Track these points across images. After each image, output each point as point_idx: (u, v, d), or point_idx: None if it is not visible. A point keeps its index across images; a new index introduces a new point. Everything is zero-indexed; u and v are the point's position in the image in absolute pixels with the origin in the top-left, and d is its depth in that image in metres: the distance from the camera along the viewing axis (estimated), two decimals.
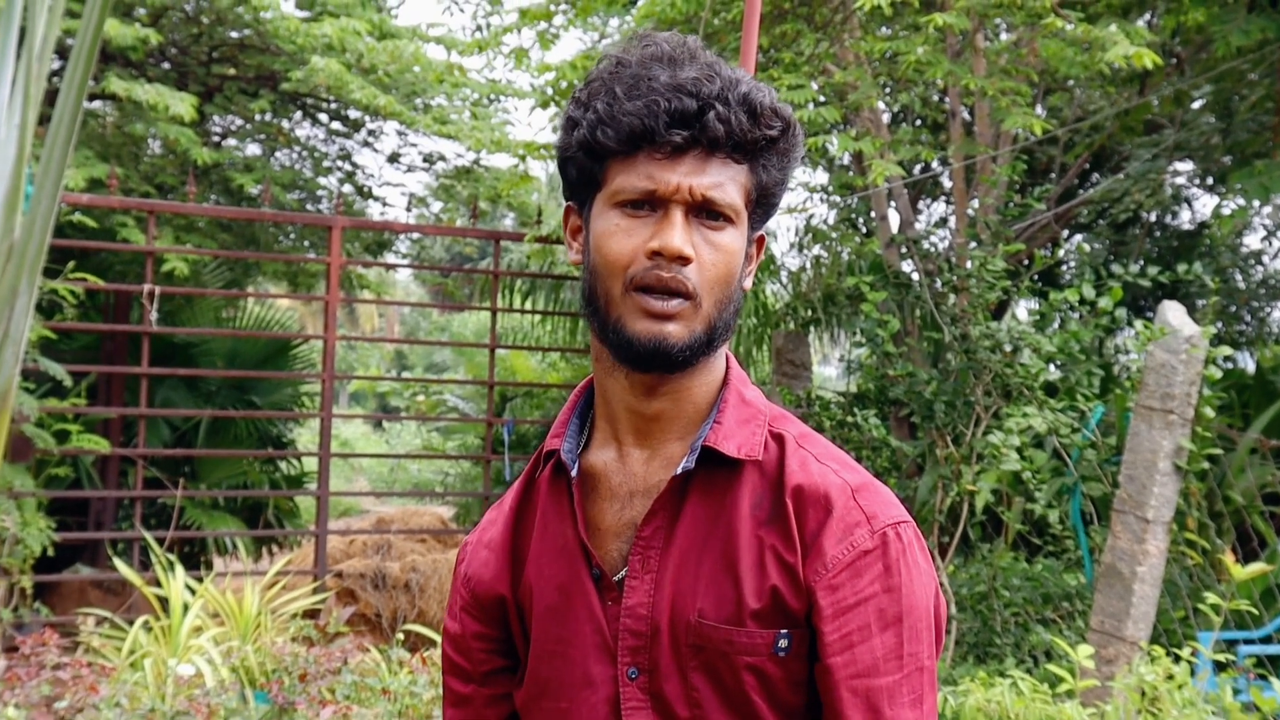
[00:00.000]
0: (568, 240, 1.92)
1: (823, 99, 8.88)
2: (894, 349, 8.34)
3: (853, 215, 13.15)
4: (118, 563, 8.34)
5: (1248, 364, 13.29)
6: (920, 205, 13.76)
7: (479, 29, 11.10)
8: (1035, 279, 9.10)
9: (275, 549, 12.15)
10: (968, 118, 10.49)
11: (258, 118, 12.41)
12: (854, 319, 9.59)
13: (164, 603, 7.50)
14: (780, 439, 1.85)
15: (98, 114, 11.74)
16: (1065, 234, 13.16)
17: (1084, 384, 8.16)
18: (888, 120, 12.27)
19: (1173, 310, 7.14)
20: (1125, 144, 11.94)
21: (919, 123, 12.34)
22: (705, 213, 1.78)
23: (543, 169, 16.87)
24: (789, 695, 1.78)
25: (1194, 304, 11.77)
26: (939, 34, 8.37)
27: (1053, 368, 8.68)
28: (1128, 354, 8.44)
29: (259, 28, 11.15)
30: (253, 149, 13.24)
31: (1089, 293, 7.82)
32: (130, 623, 7.65)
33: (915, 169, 11.58)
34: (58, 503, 10.42)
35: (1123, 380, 8.07)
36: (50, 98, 8.93)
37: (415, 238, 14.88)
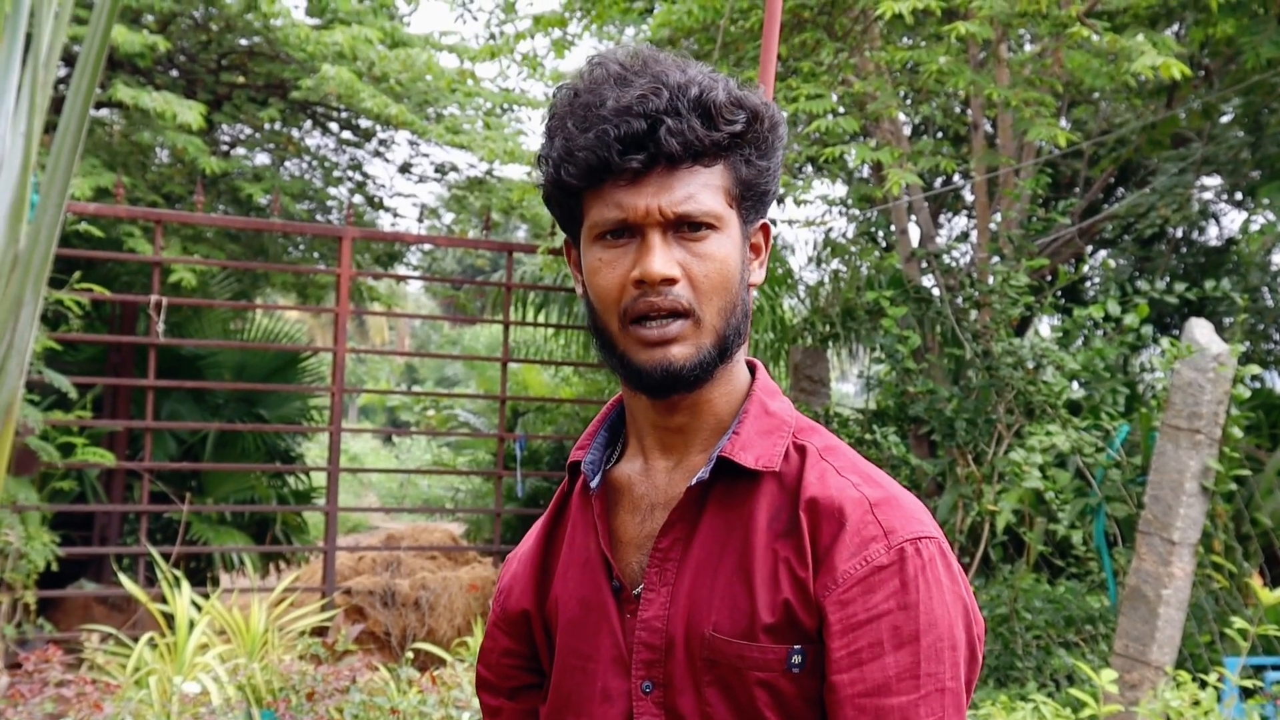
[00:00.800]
0: (573, 274, 1.90)
1: (842, 109, 8.77)
2: (914, 365, 8.25)
3: (872, 229, 13.05)
4: (123, 578, 8.26)
5: (1276, 383, 13.19)
6: (941, 219, 13.63)
7: (492, 37, 10.99)
8: (1059, 295, 9.01)
9: (283, 565, 12.05)
10: (990, 129, 10.38)
11: (267, 126, 12.33)
12: (873, 334, 9.48)
13: (169, 619, 7.43)
14: (803, 450, 1.82)
15: (104, 122, 11.66)
16: (1090, 249, 13.05)
17: (1108, 402, 8.07)
18: (908, 132, 12.16)
19: (1200, 328, 7.04)
20: (1152, 158, 11.83)
21: (940, 134, 12.23)
22: (685, 226, 1.75)
23: None
24: (803, 712, 1.74)
25: (1221, 322, 11.65)
26: (961, 44, 8.26)
27: (1076, 385, 8.58)
28: (1153, 372, 8.32)
29: (269, 35, 11.08)
30: (262, 158, 13.16)
31: (1114, 309, 7.75)
32: (135, 639, 7.57)
33: (936, 181, 11.47)
34: (62, 517, 10.34)
35: (1148, 399, 7.96)
36: (56, 105, 8.85)
37: (426, 249, 14.79)
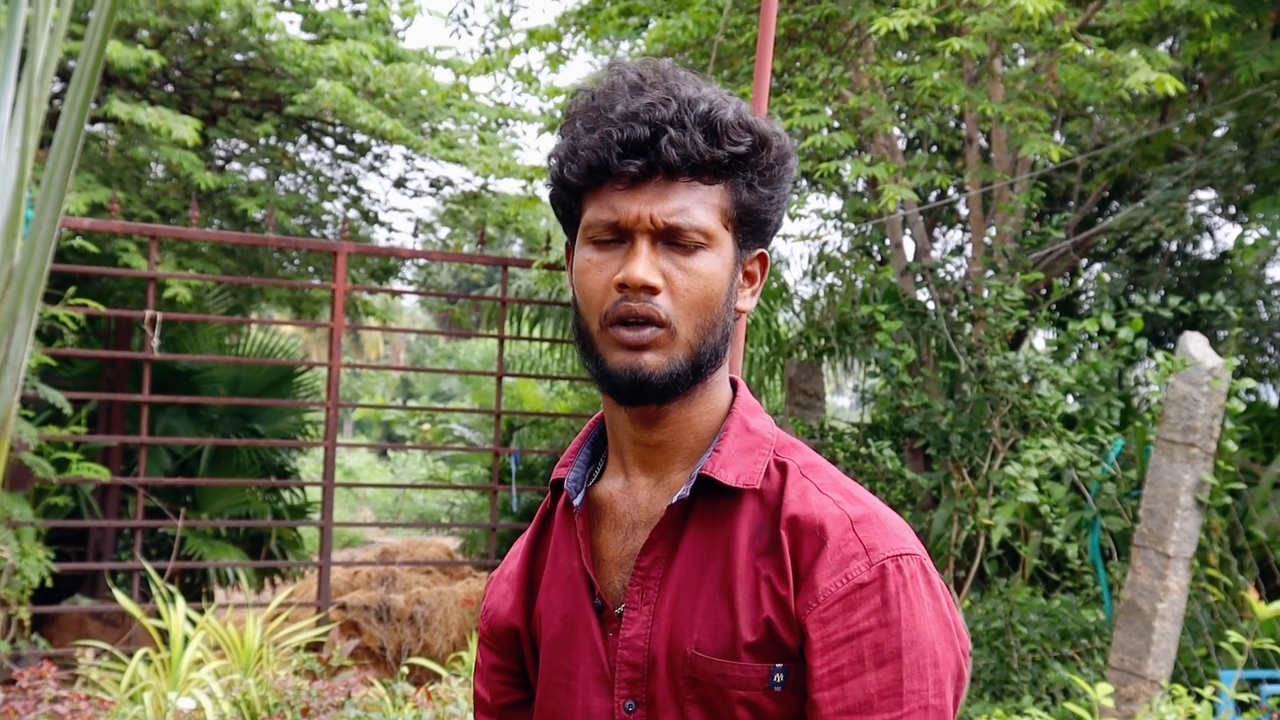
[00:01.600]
0: (569, 276, 1.90)
1: (837, 124, 8.78)
2: (909, 379, 8.25)
3: (867, 243, 13.05)
4: (117, 594, 8.23)
5: (1271, 397, 13.21)
6: (936, 233, 13.65)
7: (487, 51, 11.00)
8: (1053, 309, 9.01)
9: (278, 580, 12.03)
10: (985, 144, 10.38)
11: (262, 141, 12.33)
12: (868, 348, 9.48)
13: (164, 635, 7.40)
14: (784, 468, 1.82)
15: (99, 137, 11.66)
16: (1084, 263, 13.05)
17: (1103, 416, 8.07)
18: (903, 146, 12.17)
19: (1194, 342, 7.05)
20: (1146, 172, 11.83)
21: (935, 149, 12.24)
22: (673, 239, 1.76)
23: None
24: None
25: (1216, 335, 11.66)
26: (955, 59, 8.27)
27: (1071, 399, 8.58)
28: (1148, 386, 8.32)
29: (264, 50, 11.08)
30: (257, 173, 13.15)
31: (1108, 323, 7.75)
32: (130, 655, 7.55)
33: (931, 196, 11.48)
34: (56, 532, 10.32)
35: (1143, 413, 7.97)
36: (51, 121, 8.84)
37: (421, 264, 14.77)
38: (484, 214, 12.57)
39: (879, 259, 13.03)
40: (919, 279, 9.72)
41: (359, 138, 12.78)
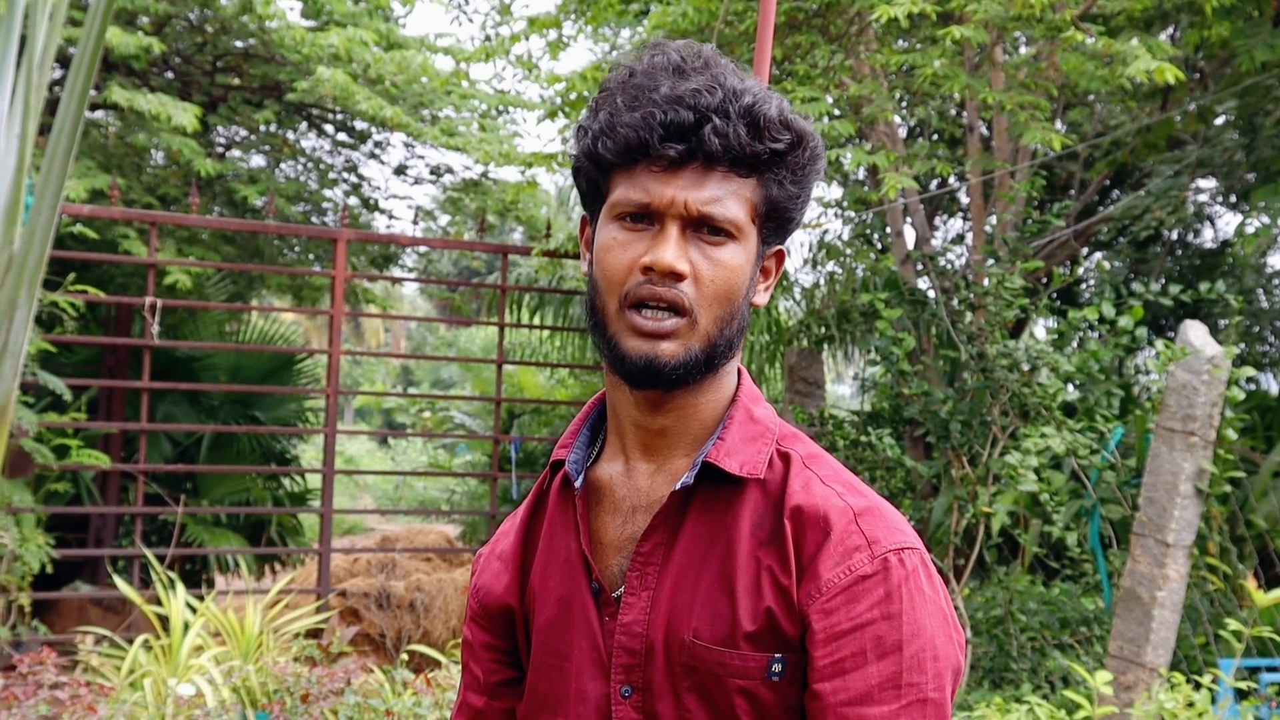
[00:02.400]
0: (582, 252, 1.90)
1: (838, 112, 8.76)
2: (909, 367, 8.24)
3: (868, 231, 13.05)
4: (117, 580, 8.24)
5: (1271, 385, 13.18)
6: (937, 221, 13.64)
7: (487, 38, 10.99)
8: (1054, 297, 9.02)
9: (278, 567, 12.04)
10: (986, 132, 10.38)
11: (262, 128, 12.32)
12: (868, 337, 9.48)
13: (164, 621, 7.41)
14: (787, 458, 1.82)
15: (99, 124, 11.65)
16: (1085, 251, 13.05)
17: (1103, 404, 8.06)
18: (904, 134, 12.16)
19: (1195, 330, 7.05)
20: (1147, 160, 11.82)
21: (936, 137, 12.23)
22: (705, 227, 1.75)
23: (551, 181, 16.81)
24: None
25: (1216, 324, 11.65)
26: (956, 47, 8.25)
27: (1071, 388, 8.58)
28: (1148, 374, 8.33)
29: (264, 37, 11.07)
30: (257, 160, 13.15)
31: (1109, 311, 7.74)
32: (130, 641, 7.55)
33: (932, 184, 11.47)
34: (57, 519, 10.33)
35: (1143, 401, 7.97)
36: (51, 107, 8.83)
37: (422, 251, 14.77)
38: (484, 201, 12.56)
39: (879, 247, 13.03)
40: (919, 267, 9.72)
41: (359, 125, 12.77)
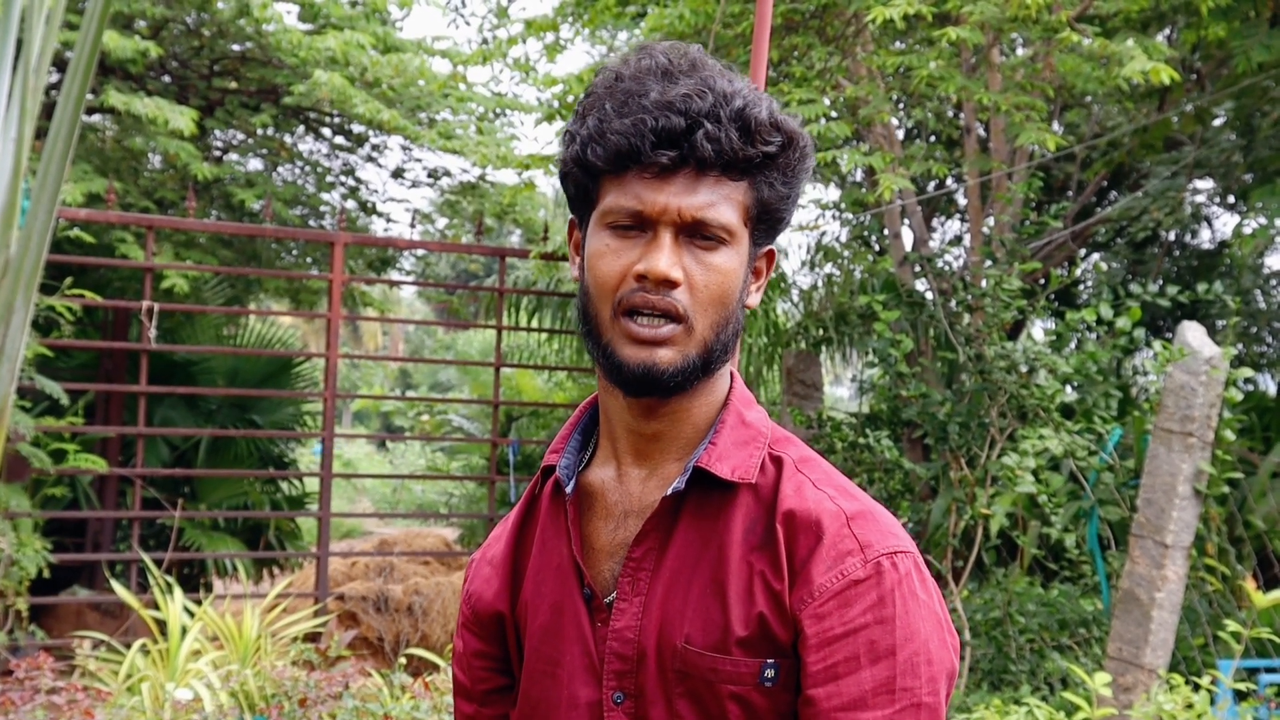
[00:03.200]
0: (571, 255, 1.89)
1: (834, 114, 8.76)
2: (907, 369, 8.24)
3: (865, 233, 13.05)
4: (115, 585, 8.23)
5: (1269, 386, 13.20)
6: (934, 223, 13.64)
7: (485, 41, 10.98)
8: (1051, 298, 9.01)
9: (276, 571, 12.03)
10: (983, 133, 10.38)
11: (260, 132, 12.31)
12: (866, 339, 9.47)
13: (162, 626, 7.40)
14: (779, 462, 1.81)
15: (96, 128, 11.64)
16: (1082, 252, 13.04)
17: (1101, 406, 8.06)
18: (901, 136, 12.16)
19: (1192, 331, 7.05)
20: (1144, 161, 11.83)
21: (933, 138, 12.23)
22: (697, 233, 1.73)
23: (549, 183, 16.81)
24: None
25: (1214, 325, 11.66)
26: (953, 48, 8.26)
27: (1069, 389, 8.57)
28: (1146, 375, 8.33)
29: (261, 41, 11.06)
30: (254, 164, 13.15)
31: (1106, 313, 7.74)
32: (127, 646, 7.54)
33: (929, 186, 11.46)
34: (54, 523, 10.32)
35: (1141, 402, 7.97)
36: (47, 111, 8.81)
37: (420, 254, 14.76)
38: (482, 204, 12.56)
39: (877, 249, 13.02)
40: (917, 269, 9.72)
41: (356, 128, 12.76)
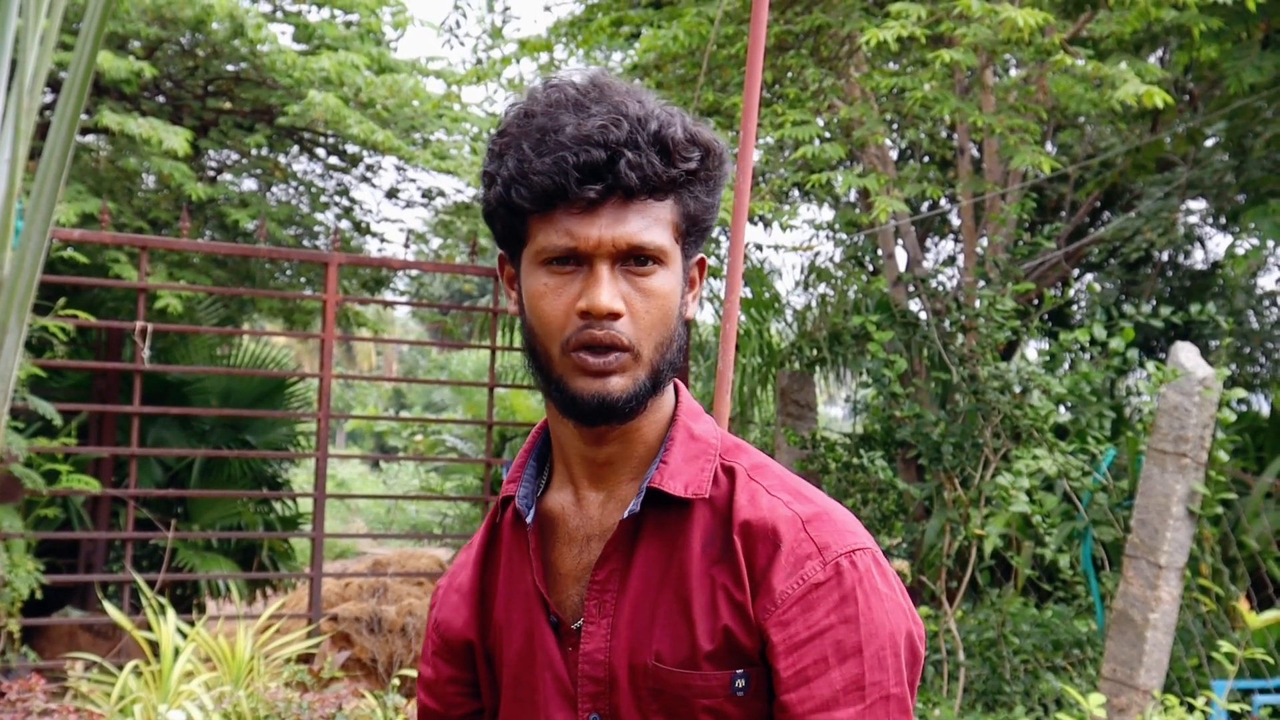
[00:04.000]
0: (506, 289, 1.88)
1: (828, 135, 8.77)
2: (901, 390, 8.24)
3: (859, 253, 13.06)
4: (108, 606, 8.18)
5: (1262, 406, 13.20)
6: (928, 243, 13.65)
7: (479, 61, 11.00)
8: (1045, 319, 9.02)
9: (269, 592, 11.99)
10: (976, 154, 10.40)
11: (254, 152, 12.32)
12: (860, 359, 9.49)
13: (155, 647, 7.36)
14: (731, 472, 1.82)
15: (90, 148, 11.64)
16: (1076, 273, 13.08)
17: (1095, 426, 8.07)
18: (895, 157, 12.17)
19: (1185, 351, 7.06)
20: (1137, 182, 11.86)
21: (926, 159, 12.25)
22: (633, 259, 1.74)
23: None
24: None
25: (1207, 345, 11.66)
26: (946, 70, 8.28)
27: (1063, 409, 8.58)
28: (1140, 396, 8.34)
29: (255, 61, 11.07)
30: (249, 184, 13.14)
31: (1100, 333, 7.75)
32: (120, 667, 7.49)
33: (923, 206, 11.47)
34: (47, 544, 10.28)
35: (1135, 423, 7.97)
36: (42, 131, 8.80)
37: (414, 274, 14.77)
38: (476, 224, 12.56)
39: (871, 269, 13.04)
40: (911, 289, 9.72)
41: (351, 148, 12.76)
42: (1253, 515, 8.62)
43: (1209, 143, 11.61)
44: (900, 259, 10.48)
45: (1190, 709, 6.20)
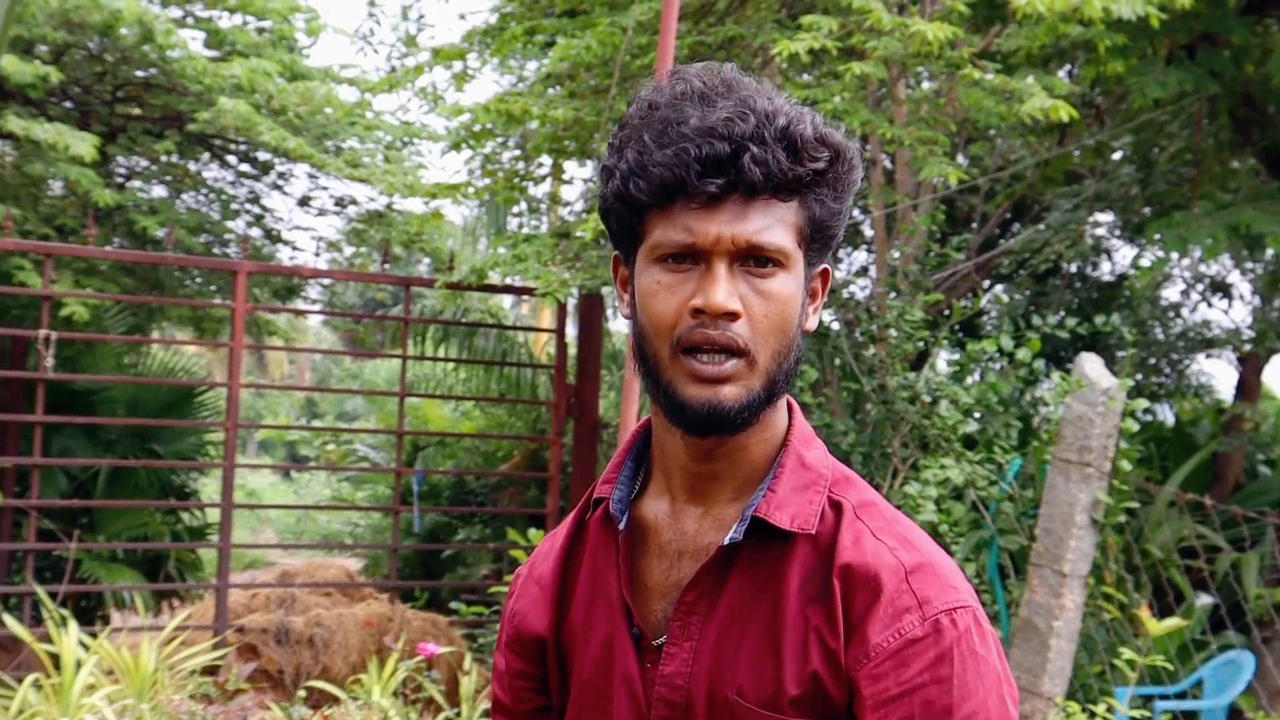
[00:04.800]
0: (618, 292, 1.82)
1: None
2: (812, 399, 8.27)
3: None
4: (7, 618, 8.07)
5: (1166, 417, 13.40)
6: (840, 254, 13.72)
7: (393, 69, 10.94)
8: (955, 329, 9.08)
9: (175, 603, 11.85)
10: (889, 166, 10.47)
11: (163, 159, 12.19)
12: None
13: (56, 660, 7.25)
14: (838, 507, 1.74)
15: None
16: (986, 284, 13.19)
17: (1002, 436, 8.14)
18: None
19: (1090, 362, 7.14)
20: (1046, 194, 11.99)
21: None
22: (752, 260, 1.67)
23: (457, 212, 16.74)
24: None
25: (1113, 356, 11.81)
26: (858, 82, 8.33)
27: (971, 419, 8.65)
28: (1046, 406, 8.41)
29: (165, 67, 10.96)
30: (158, 191, 13.01)
31: (1008, 344, 7.83)
32: (20, 680, 7.38)
33: None
34: None
35: (1041, 432, 8.04)
36: None
37: (326, 283, 14.66)
38: (389, 233, 12.50)
39: None
40: None
41: (262, 156, 12.67)
42: (1155, 524, 8.74)
43: (1116, 156, 11.76)
44: None
45: (1092, 715, 6.26)
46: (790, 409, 1.83)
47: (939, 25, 7.21)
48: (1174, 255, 9.19)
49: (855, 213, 11.22)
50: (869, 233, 12.91)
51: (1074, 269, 13.19)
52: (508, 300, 20.71)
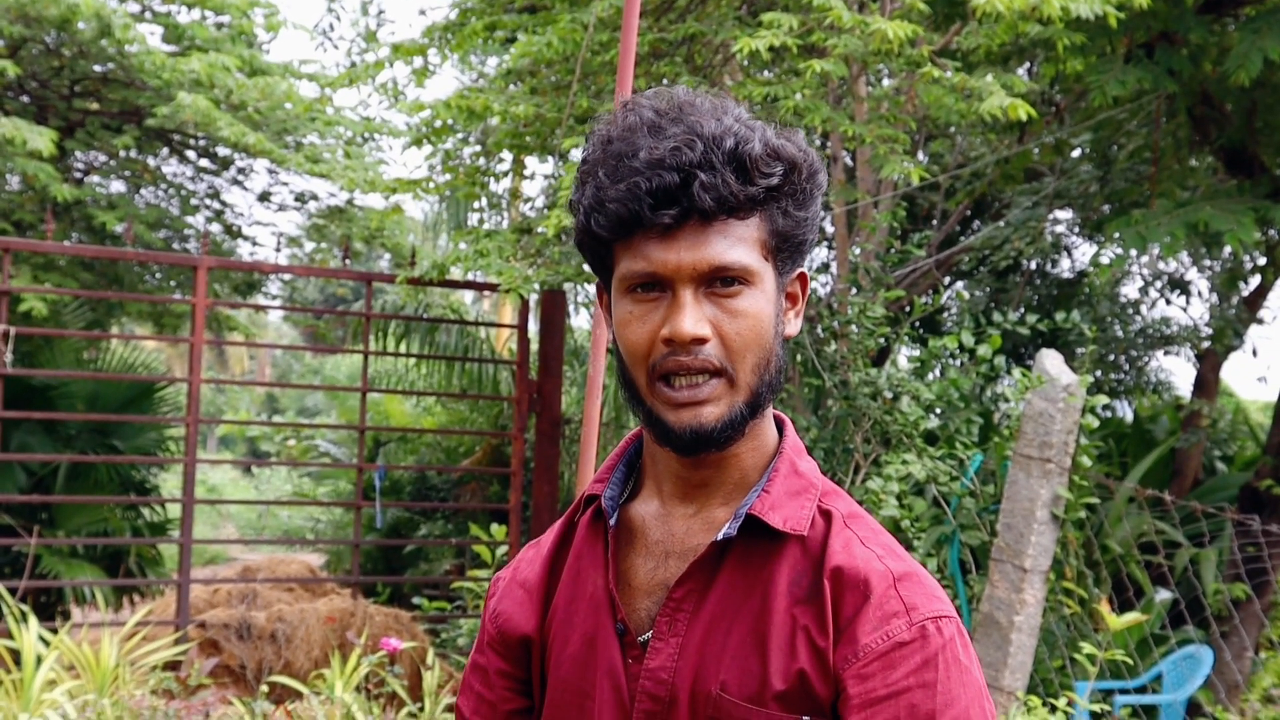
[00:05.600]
0: (604, 319, 1.86)
1: None
2: None
3: None
4: None
5: (1126, 413, 13.48)
6: None
7: (353, 65, 10.91)
8: (916, 326, 9.11)
9: (136, 598, 11.80)
10: (849, 163, 10.50)
11: (122, 154, 12.13)
12: None
13: (16, 655, 7.23)
14: (828, 515, 1.78)
15: None
16: (946, 281, 13.23)
17: (963, 432, 8.17)
18: None
19: (1050, 359, 7.18)
20: (1006, 191, 12.04)
21: None
22: (718, 281, 1.70)
23: (417, 207, 16.70)
24: None
25: (1073, 352, 11.87)
26: (819, 79, 8.35)
27: (932, 415, 8.69)
28: (1007, 402, 8.45)
29: (124, 62, 10.91)
30: (117, 186, 12.94)
31: (968, 340, 7.86)
32: None
33: None
34: None
35: (1002, 428, 8.08)
36: None
37: (287, 279, 14.61)
38: (349, 228, 12.48)
39: None
40: None
41: (222, 151, 12.63)
42: (1115, 519, 8.79)
43: (1075, 154, 11.81)
44: None
45: (1053, 710, 6.30)
46: (781, 422, 1.87)
47: (899, 23, 7.23)
48: (1133, 253, 9.24)
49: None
50: (830, 229, 12.96)
51: (1034, 266, 13.26)
52: (469, 296, 20.69)
